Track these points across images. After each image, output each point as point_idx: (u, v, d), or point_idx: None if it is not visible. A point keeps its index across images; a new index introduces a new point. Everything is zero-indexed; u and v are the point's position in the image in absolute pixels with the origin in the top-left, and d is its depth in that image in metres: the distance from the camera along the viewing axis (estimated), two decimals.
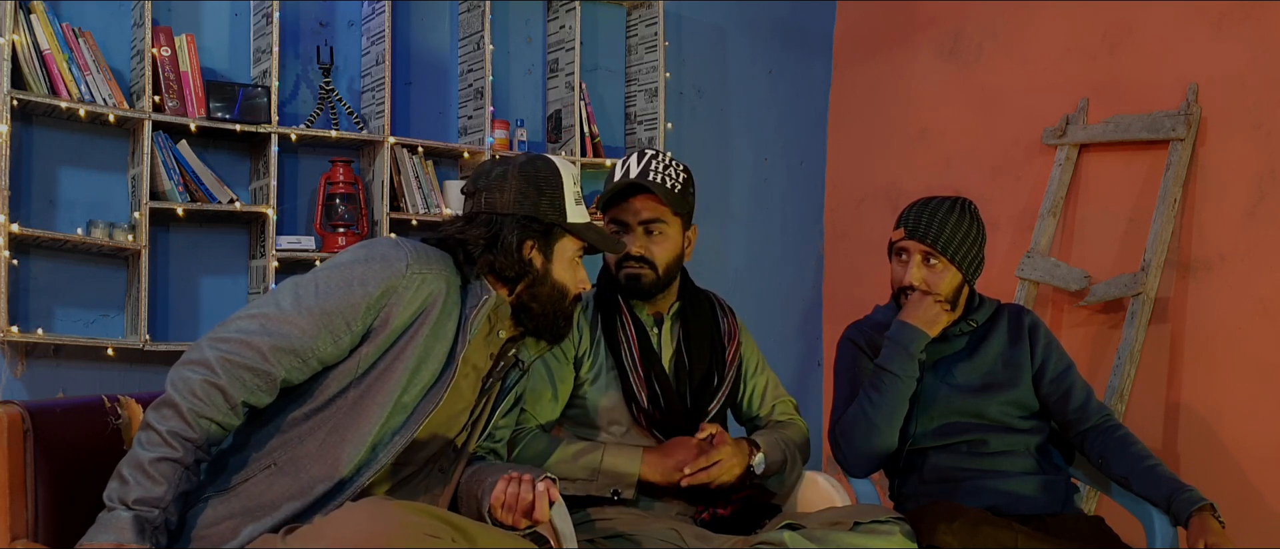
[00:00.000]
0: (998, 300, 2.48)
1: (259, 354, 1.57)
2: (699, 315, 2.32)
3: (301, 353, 1.60)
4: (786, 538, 1.92)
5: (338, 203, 3.35)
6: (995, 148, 3.82)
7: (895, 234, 2.37)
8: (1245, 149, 3.08)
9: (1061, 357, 2.39)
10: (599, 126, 3.91)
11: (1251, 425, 3.02)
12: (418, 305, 1.67)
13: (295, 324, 1.60)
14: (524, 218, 1.78)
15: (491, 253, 1.76)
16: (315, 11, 3.51)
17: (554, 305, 1.83)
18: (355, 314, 1.63)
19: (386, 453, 1.65)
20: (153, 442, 1.52)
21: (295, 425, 1.64)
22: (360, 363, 1.65)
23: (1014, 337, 2.39)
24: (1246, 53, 3.09)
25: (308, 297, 1.63)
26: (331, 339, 1.62)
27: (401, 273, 1.66)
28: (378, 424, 1.64)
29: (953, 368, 2.35)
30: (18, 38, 2.85)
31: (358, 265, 1.66)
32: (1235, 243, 3.10)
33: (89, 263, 3.13)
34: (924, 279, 2.31)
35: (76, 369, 3.09)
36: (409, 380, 1.66)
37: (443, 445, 1.78)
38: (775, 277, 4.39)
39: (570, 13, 3.77)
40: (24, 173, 3.04)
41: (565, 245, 1.84)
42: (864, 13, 4.42)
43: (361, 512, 1.41)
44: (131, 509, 1.49)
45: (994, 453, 2.29)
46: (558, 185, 1.81)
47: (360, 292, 1.63)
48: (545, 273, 1.81)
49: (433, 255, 1.74)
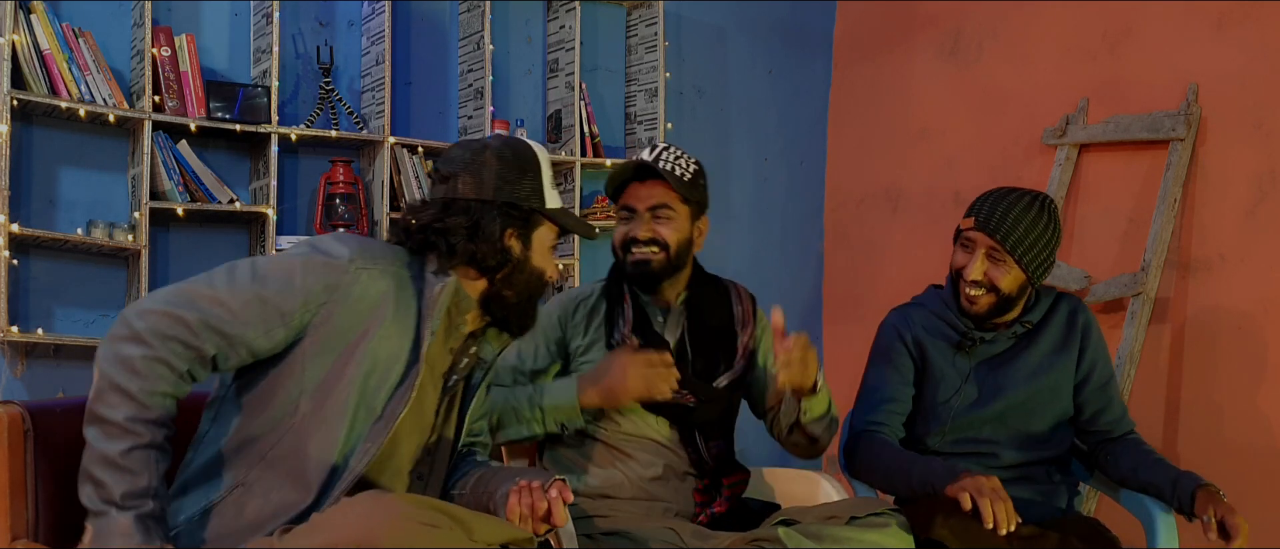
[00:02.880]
0: (1056, 290, 2.40)
1: (187, 327, 1.49)
2: (709, 304, 2.27)
3: (229, 336, 1.52)
4: (782, 533, 1.91)
5: (338, 203, 3.35)
6: (995, 148, 3.82)
7: (965, 221, 2.28)
8: (1245, 149, 3.08)
9: (1107, 365, 2.33)
10: (599, 126, 3.91)
11: (1252, 425, 3.02)
12: (366, 304, 1.59)
13: (225, 305, 1.52)
14: (505, 204, 1.70)
15: (474, 242, 1.68)
16: (315, 11, 3.51)
17: (529, 292, 1.76)
18: (291, 307, 1.55)
19: (358, 459, 1.58)
20: (113, 434, 1.44)
21: (258, 440, 1.58)
22: (305, 365, 1.57)
23: (1064, 338, 2.32)
24: (1246, 53, 3.09)
25: (243, 280, 1.55)
26: (262, 328, 1.54)
27: (344, 269, 1.59)
28: (343, 431, 1.57)
29: (993, 375, 2.29)
30: (18, 38, 2.85)
31: (299, 258, 1.59)
32: (1235, 243, 3.10)
33: (89, 263, 3.13)
34: (985, 273, 2.22)
35: (76, 369, 3.09)
36: (365, 383, 1.59)
37: (413, 449, 1.72)
38: (775, 277, 4.39)
39: (570, 13, 3.77)
40: (24, 173, 3.04)
41: (543, 233, 1.77)
42: (864, 13, 4.42)
43: (359, 504, 1.39)
44: (124, 508, 1.43)
45: (1004, 466, 2.27)
46: (537, 170, 1.74)
47: (299, 285, 1.56)
48: (524, 261, 1.74)
49: (379, 251, 1.66)
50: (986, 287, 2.22)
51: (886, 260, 4.23)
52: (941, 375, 2.32)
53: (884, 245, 4.25)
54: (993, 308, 2.25)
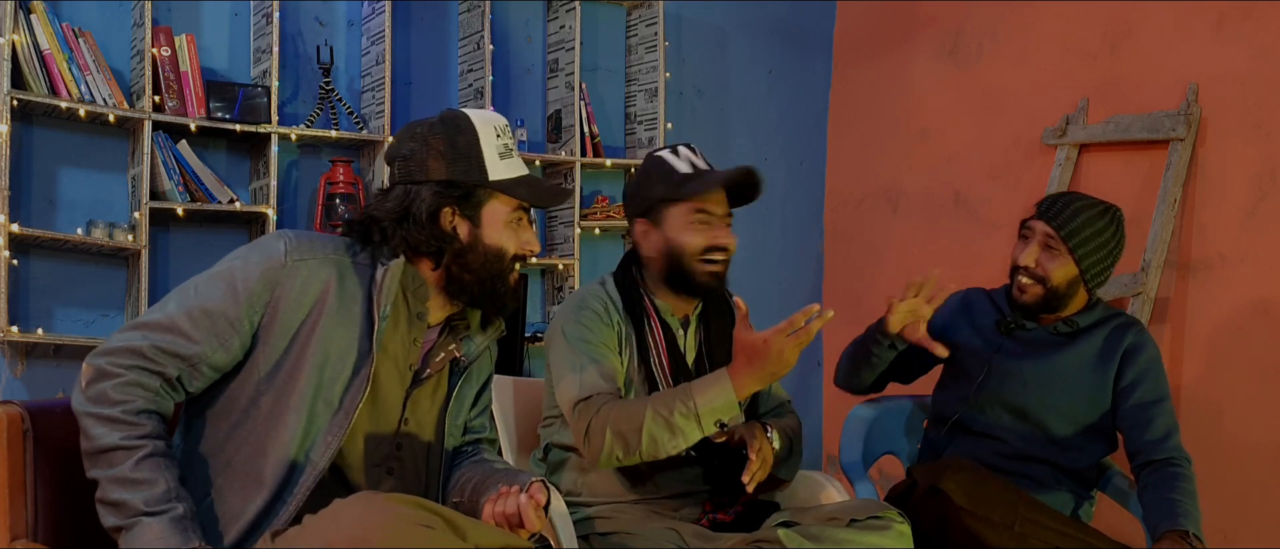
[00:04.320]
0: (1122, 311, 2.39)
1: (142, 356, 1.50)
2: (720, 316, 2.24)
3: (187, 358, 1.52)
4: (782, 535, 1.91)
5: (338, 203, 3.35)
6: (995, 148, 3.82)
7: (1028, 212, 2.31)
8: (1245, 149, 3.08)
9: (1155, 388, 2.27)
10: (599, 126, 3.91)
11: (1252, 425, 3.02)
12: (309, 296, 1.57)
13: (176, 328, 1.52)
14: (439, 184, 1.63)
15: (404, 227, 1.62)
16: (315, 11, 3.51)
17: (490, 271, 1.67)
18: (237, 312, 1.54)
19: (320, 454, 1.57)
20: (114, 459, 1.45)
21: (221, 447, 1.57)
22: (261, 366, 1.56)
23: (1107, 351, 2.29)
24: (1246, 53, 3.09)
25: (189, 299, 1.54)
26: (217, 342, 1.53)
27: (280, 263, 1.57)
28: (299, 428, 1.55)
29: (1021, 364, 2.31)
30: (18, 38, 2.85)
31: (237, 262, 1.58)
32: (1235, 243, 3.10)
33: (89, 263, 3.13)
34: (1038, 261, 2.23)
35: (76, 369, 3.06)
36: (320, 375, 1.56)
37: (378, 442, 1.68)
38: (775, 276, 4.39)
39: (570, 13, 3.77)
40: (24, 173, 3.04)
41: (495, 207, 1.67)
42: (864, 13, 4.42)
43: (352, 507, 1.38)
44: (153, 514, 1.42)
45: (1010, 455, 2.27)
46: (474, 141, 1.65)
47: (241, 287, 1.55)
48: (473, 240, 1.66)
49: (317, 241, 1.63)
50: (1037, 277, 2.25)
51: (886, 260, 4.23)
52: (971, 350, 2.38)
53: (884, 245, 4.25)
54: (1041, 300, 2.27)
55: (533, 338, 3.66)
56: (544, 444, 2.25)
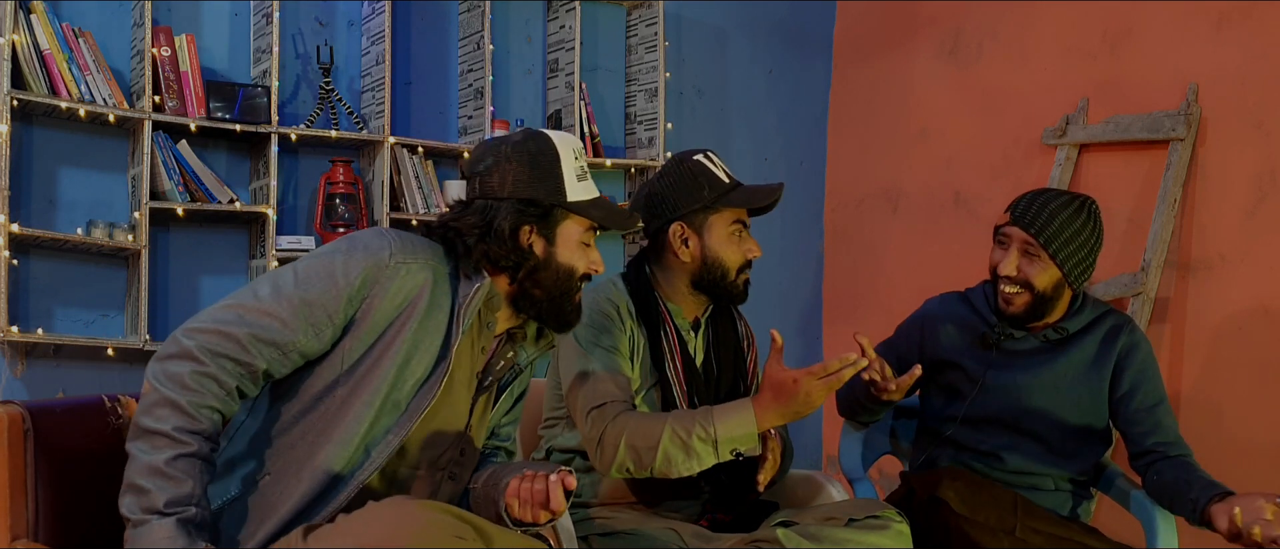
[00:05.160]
0: (1109, 307, 2.33)
1: (238, 344, 1.51)
2: (726, 319, 2.24)
3: (281, 345, 1.54)
4: (781, 535, 1.91)
5: (338, 203, 3.35)
6: (995, 148, 3.82)
7: (1001, 217, 2.25)
8: (1245, 149, 3.08)
9: (1153, 390, 2.24)
10: (599, 126, 3.91)
11: (1252, 425, 3.02)
12: (403, 297, 1.60)
13: (274, 315, 1.53)
14: (520, 202, 1.67)
15: (486, 242, 1.66)
16: (315, 11, 3.51)
17: (560, 289, 1.72)
18: (336, 305, 1.57)
19: (380, 452, 1.59)
20: (159, 444, 1.45)
21: (286, 430, 1.59)
22: (345, 358, 1.59)
23: (1101, 355, 2.25)
24: (1246, 53, 3.09)
25: (287, 287, 1.56)
26: (312, 331, 1.55)
27: (384, 262, 1.60)
28: (367, 422, 1.58)
29: (1012, 375, 2.25)
30: (18, 38, 2.85)
31: (339, 255, 1.60)
32: (1235, 243, 3.10)
33: (89, 263, 3.13)
34: (1020, 268, 2.18)
35: (76, 369, 3.09)
36: (398, 375, 1.60)
37: (443, 447, 1.72)
38: (775, 277, 4.39)
39: (570, 13, 3.77)
40: (24, 173, 3.04)
41: (569, 227, 1.72)
42: (864, 13, 4.42)
43: (386, 510, 1.39)
44: (166, 515, 1.42)
45: (1010, 470, 2.25)
46: (555, 163, 1.70)
47: (342, 282, 1.57)
48: (547, 258, 1.71)
49: (419, 244, 1.66)
50: (1021, 284, 2.19)
51: (886, 260, 4.23)
52: (959, 366, 2.31)
53: (884, 245, 4.25)
54: (1029, 308, 2.21)
55: None
56: (545, 447, 2.25)
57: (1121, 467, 2.45)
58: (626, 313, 2.13)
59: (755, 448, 1.93)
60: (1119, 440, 2.38)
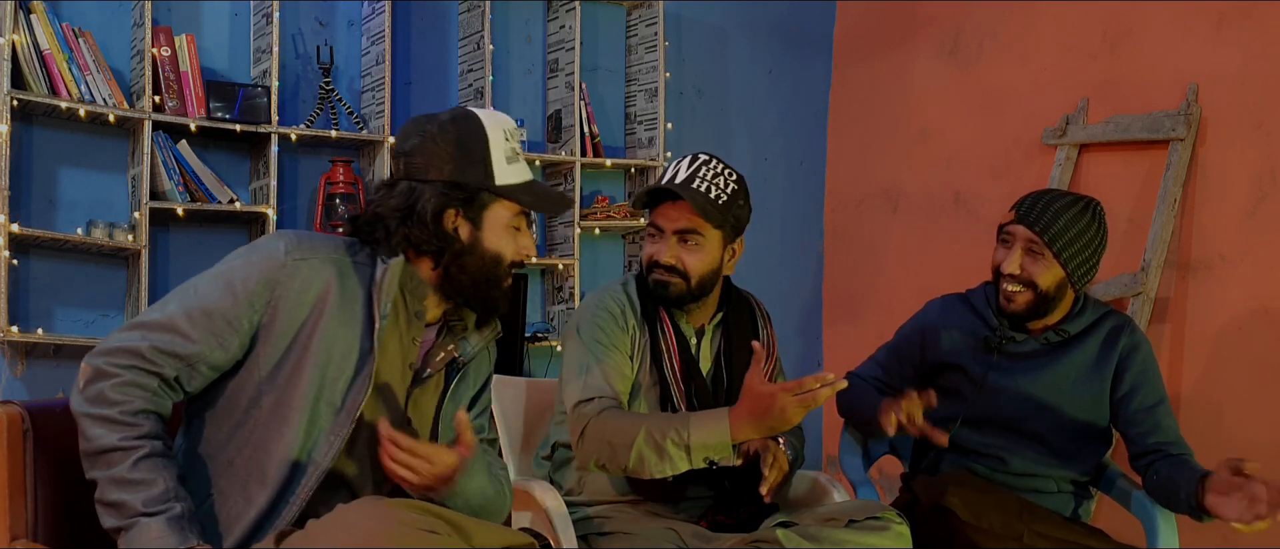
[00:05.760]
0: (1110, 308, 2.33)
1: (140, 357, 1.50)
2: (741, 326, 2.22)
3: (185, 357, 1.52)
4: (781, 535, 1.91)
5: (338, 203, 3.35)
6: (995, 148, 3.82)
7: (1006, 216, 2.23)
8: (1245, 149, 3.08)
9: (1153, 390, 2.23)
10: (599, 126, 3.91)
11: (1252, 425, 3.02)
12: (310, 295, 1.57)
13: (175, 330, 1.52)
14: (445, 184, 1.62)
15: (407, 225, 1.61)
16: (315, 11, 3.51)
17: (485, 274, 1.67)
18: (236, 313, 1.54)
19: (323, 454, 1.56)
20: (113, 460, 1.44)
21: (222, 448, 1.57)
22: (261, 366, 1.56)
23: (1102, 357, 2.24)
24: (1246, 53, 3.09)
25: (189, 299, 1.54)
26: (216, 342, 1.53)
27: (280, 262, 1.56)
28: (301, 428, 1.55)
29: (1014, 378, 2.25)
30: (18, 38, 2.85)
31: (237, 262, 1.58)
32: (1235, 243, 3.10)
33: (89, 263, 3.13)
34: (1023, 267, 2.16)
35: (77, 369, 3.07)
36: (323, 374, 1.56)
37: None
38: (775, 277, 4.39)
39: (570, 13, 3.77)
40: (24, 173, 3.04)
41: (497, 211, 1.67)
42: (864, 13, 4.42)
43: (357, 511, 1.38)
44: (152, 515, 1.42)
45: (1013, 472, 2.25)
46: (484, 144, 1.64)
47: (240, 289, 1.54)
48: (473, 243, 1.65)
49: (316, 241, 1.63)
50: (1024, 283, 2.18)
51: (886, 260, 4.23)
52: (961, 369, 2.31)
53: (884, 245, 4.25)
54: (1031, 307, 2.20)
55: (533, 338, 3.66)
56: (552, 442, 2.25)
57: (1121, 467, 2.45)
58: (630, 311, 2.13)
59: (729, 458, 1.93)
60: (1119, 441, 2.38)
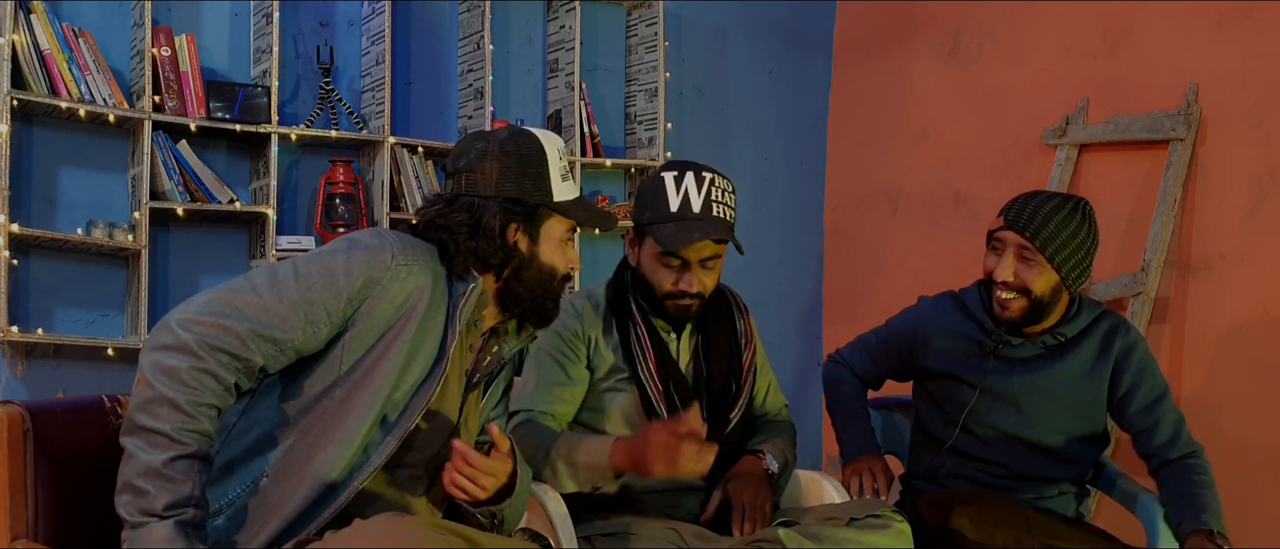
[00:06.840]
0: (1103, 307, 2.31)
1: (237, 339, 1.49)
2: (718, 321, 2.22)
3: (279, 341, 1.52)
4: (782, 534, 1.91)
5: (338, 203, 3.35)
6: (995, 148, 3.82)
7: (995, 222, 2.20)
8: (1245, 149, 3.08)
9: (1153, 386, 2.23)
10: (599, 126, 3.91)
11: (1252, 425, 3.02)
12: (403, 298, 1.60)
13: (272, 311, 1.52)
14: (507, 200, 1.68)
15: (475, 239, 1.66)
16: (315, 11, 3.51)
17: (542, 287, 1.74)
18: (336, 305, 1.56)
19: (379, 453, 1.59)
20: (158, 443, 1.42)
21: (284, 432, 1.58)
22: (343, 359, 1.58)
23: (1098, 362, 2.22)
24: (1246, 53, 3.09)
25: (287, 283, 1.55)
26: (310, 329, 1.55)
27: (386, 264, 1.60)
28: (367, 423, 1.57)
29: (1011, 383, 2.23)
30: (18, 38, 2.85)
31: (340, 255, 1.60)
32: (1235, 243, 3.10)
33: (89, 263, 3.13)
34: (1016, 273, 2.13)
35: (76, 369, 3.09)
36: (398, 377, 1.59)
37: (436, 446, 1.71)
38: (775, 277, 4.39)
39: (570, 13, 3.77)
40: (24, 173, 3.04)
41: (552, 226, 1.74)
42: (864, 13, 4.42)
43: (377, 528, 1.38)
44: (165, 517, 1.41)
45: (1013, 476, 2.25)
46: (542, 162, 1.70)
47: (343, 282, 1.56)
48: (532, 256, 1.72)
49: (418, 247, 1.66)
50: (1018, 289, 2.14)
51: (886, 260, 4.23)
52: (957, 376, 2.28)
53: (884, 245, 4.25)
54: (1026, 313, 2.17)
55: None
56: None
57: (1121, 467, 2.45)
58: (594, 314, 2.16)
59: (608, 485, 1.99)
60: (1120, 439, 2.38)
